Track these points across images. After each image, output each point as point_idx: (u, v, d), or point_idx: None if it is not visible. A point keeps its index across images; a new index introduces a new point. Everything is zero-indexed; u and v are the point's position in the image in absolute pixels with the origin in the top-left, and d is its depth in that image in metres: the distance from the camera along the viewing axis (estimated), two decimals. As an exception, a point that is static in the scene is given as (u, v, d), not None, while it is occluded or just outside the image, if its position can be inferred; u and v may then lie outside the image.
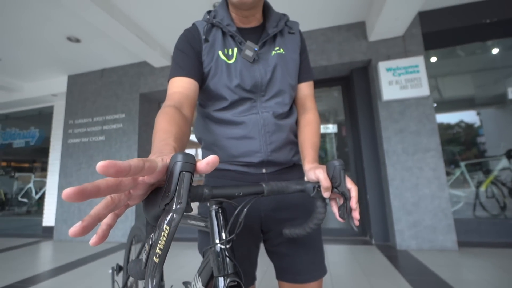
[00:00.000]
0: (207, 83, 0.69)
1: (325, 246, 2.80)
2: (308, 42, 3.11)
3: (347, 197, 0.53)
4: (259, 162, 0.68)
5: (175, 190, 0.30)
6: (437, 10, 2.82)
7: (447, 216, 2.52)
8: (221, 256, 0.51)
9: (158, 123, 0.49)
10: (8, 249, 3.31)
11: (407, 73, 2.70)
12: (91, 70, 3.96)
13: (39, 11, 2.56)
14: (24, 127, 5.00)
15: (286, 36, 0.75)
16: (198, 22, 0.72)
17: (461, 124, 3.47)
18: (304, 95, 0.78)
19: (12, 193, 5.32)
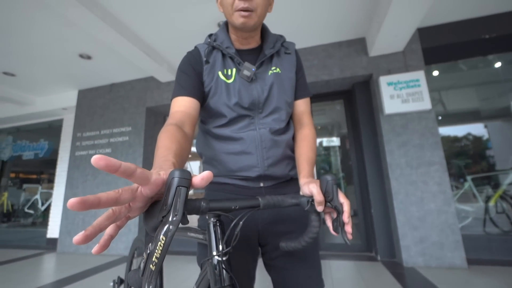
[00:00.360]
0: (208, 101, 0.73)
1: (329, 261, 2.74)
2: (310, 57, 3.20)
3: (339, 211, 0.54)
4: (257, 176, 0.70)
5: (171, 203, 0.32)
6: (436, 26, 2.89)
7: (454, 232, 2.45)
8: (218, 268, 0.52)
9: (160, 141, 0.53)
10: (12, 260, 3.32)
11: (408, 87, 2.73)
12: (100, 85, 4.11)
13: (54, 30, 2.71)
14: (34, 139, 5.14)
15: (283, 56, 0.80)
16: (200, 45, 0.77)
17: (469, 137, 3.44)
18: (300, 111, 0.81)
19: (19, 204, 5.39)
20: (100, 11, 2.36)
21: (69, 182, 3.92)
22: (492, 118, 3.45)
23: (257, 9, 0.67)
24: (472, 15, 2.78)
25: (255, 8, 0.66)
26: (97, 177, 3.77)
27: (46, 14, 2.46)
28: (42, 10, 2.39)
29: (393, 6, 2.16)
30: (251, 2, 0.65)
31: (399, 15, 2.28)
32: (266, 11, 0.71)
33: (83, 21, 2.33)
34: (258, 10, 0.67)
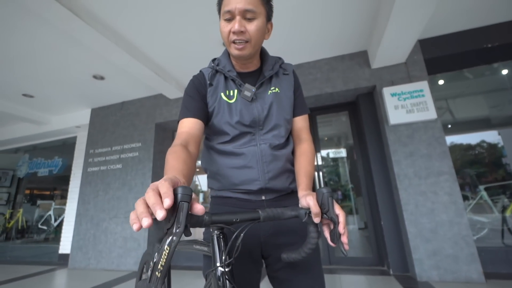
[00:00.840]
0: (212, 120, 0.79)
1: (340, 276, 2.67)
2: (313, 71, 3.27)
3: (335, 222, 0.57)
4: (258, 189, 0.74)
5: (175, 216, 0.36)
6: (437, 37, 2.93)
7: (469, 244, 2.37)
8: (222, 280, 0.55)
9: (168, 162, 0.58)
10: (25, 277, 3.38)
11: (412, 98, 2.75)
12: (112, 103, 4.29)
13: (70, 54, 2.90)
14: (49, 156, 5.33)
15: (281, 77, 0.85)
16: (204, 69, 0.84)
17: (483, 144, 3.37)
18: (299, 128, 0.85)
19: (33, 221, 5.53)
20: (113, 35, 2.52)
21: (81, 198, 4.02)
22: (504, 125, 3.39)
23: (251, 40, 0.72)
24: (472, 26, 2.82)
25: (249, 39, 0.72)
26: (108, 192, 3.86)
27: (64, 40, 2.64)
28: (60, 36, 2.58)
29: (392, 20, 2.22)
30: (244, 35, 0.71)
31: (399, 28, 2.34)
32: (261, 40, 0.77)
33: (97, 45, 2.49)
34: (252, 41, 0.73)
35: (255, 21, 0.71)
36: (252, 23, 0.71)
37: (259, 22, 0.72)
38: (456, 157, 3.35)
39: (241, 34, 0.71)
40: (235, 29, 0.70)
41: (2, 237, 5.54)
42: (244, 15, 0.70)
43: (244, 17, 0.71)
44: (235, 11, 0.69)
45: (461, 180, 3.22)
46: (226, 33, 0.73)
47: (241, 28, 0.70)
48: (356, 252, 3.44)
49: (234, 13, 0.70)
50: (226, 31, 0.72)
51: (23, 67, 3.11)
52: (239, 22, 0.70)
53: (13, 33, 2.51)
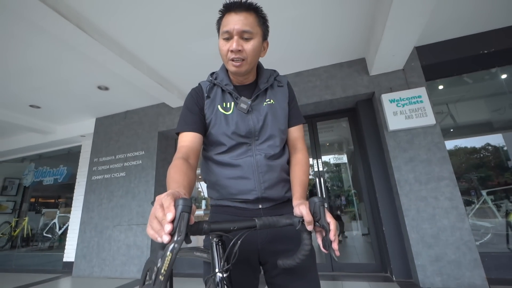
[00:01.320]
0: (209, 131, 0.84)
1: (342, 282, 2.67)
2: (312, 78, 3.33)
3: (327, 230, 0.61)
4: (255, 198, 0.78)
5: (177, 225, 0.41)
6: (433, 44, 2.98)
7: (471, 250, 2.37)
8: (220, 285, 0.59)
9: (170, 175, 0.63)
10: (30, 285, 3.41)
11: (411, 104, 2.78)
12: (116, 113, 4.38)
13: (76, 66, 3.00)
14: (54, 165, 5.42)
15: (276, 89, 0.90)
16: (203, 82, 0.89)
17: (488, 148, 3.36)
18: (294, 138, 0.90)
19: (38, 229, 5.58)
20: (118, 48, 2.61)
21: (85, 206, 4.07)
22: (507, 129, 3.39)
23: (247, 58, 0.77)
24: (468, 32, 2.87)
25: (246, 57, 0.77)
26: (112, 200, 3.91)
27: (70, 53, 2.74)
28: (66, 50, 2.67)
29: (387, 29, 2.28)
30: (241, 53, 0.76)
31: (394, 36, 2.39)
32: (257, 58, 0.82)
33: (102, 57, 2.58)
34: (249, 59, 0.78)
35: (251, 41, 0.77)
36: (249, 43, 0.77)
37: (255, 42, 0.78)
38: (460, 161, 3.36)
39: (238, 52, 0.76)
40: (233, 48, 0.75)
41: (8, 245, 5.59)
42: (242, 35, 0.76)
43: (242, 37, 0.76)
44: (233, 31, 0.75)
45: (465, 184, 3.23)
46: (225, 51, 0.78)
47: (239, 47, 0.75)
48: (359, 258, 3.42)
49: (232, 33, 0.75)
50: (225, 49, 0.78)
51: (31, 79, 3.21)
52: (237, 41, 0.75)
53: (22, 48, 2.61)
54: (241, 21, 0.75)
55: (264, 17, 0.81)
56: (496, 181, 3.16)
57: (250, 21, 0.76)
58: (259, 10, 0.79)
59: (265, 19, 0.82)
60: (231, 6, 0.77)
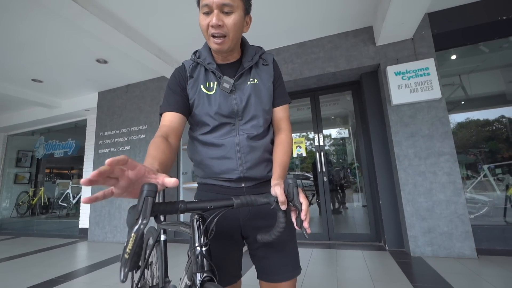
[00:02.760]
0: (193, 111, 0.84)
1: (337, 251, 2.82)
2: (315, 50, 3.19)
3: (299, 210, 0.64)
4: (237, 178, 0.80)
5: (141, 209, 0.44)
6: (447, 9, 2.76)
7: (464, 223, 2.43)
8: (200, 257, 0.64)
9: (149, 150, 0.64)
10: (50, 248, 3.74)
11: (417, 76, 2.67)
12: (118, 86, 4.36)
13: (73, 40, 2.93)
14: (63, 138, 5.59)
15: (261, 68, 0.87)
16: (186, 61, 0.87)
17: (502, 120, 3.24)
18: (279, 118, 0.89)
19: (54, 198, 5.96)
20: (112, 20, 2.52)
21: (95, 178, 4.27)
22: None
23: (229, 33, 0.74)
24: (487, -4, 2.63)
25: (227, 33, 0.74)
26: (119, 172, 4.07)
27: (66, 27, 2.67)
28: (61, 22, 2.60)
29: (396, -6, 2.11)
30: (222, 28, 0.73)
31: (404, 2, 2.22)
32: (240, 33, 0.79)
33: (97, 30, 2.51)
34: (231, 35, 0.75)
35: (232, 15, 0.73)
36: (229, 17, 0.73)
37: (236, 16, 0.74)
38: (471, 134, 3.30)
39: (219, 28, 0.73)
40: (213, 22, 0.72)
41: (28, 213, 6.03)
42: (222, 9, 0.72)
43: (222, 10, 0.72)
44: (212, 4, 0.71)
45: (472, 157, 3.21)
46: (205, 27, 0.75)
47: (219, 22, 0.72)
48: (356, 228, 3.57)
49: (212, 6, 0.72)
50: (205, 24, 0.74)
51: (30, 53, 3.18)
52: (217, 15, 0.72)
53: (21, 22, 2.56)
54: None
55: None
56: (507, 154, 3.11)
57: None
58: None
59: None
60: None
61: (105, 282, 2.27)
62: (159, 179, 0.49)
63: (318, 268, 2.34)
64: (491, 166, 3.12)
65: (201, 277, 0.61)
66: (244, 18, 0.78)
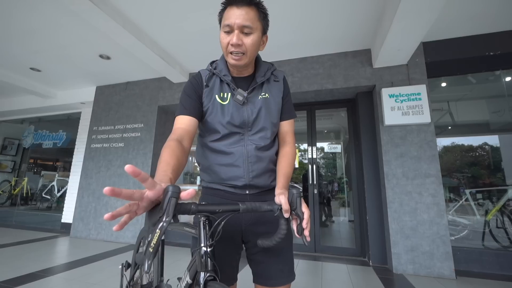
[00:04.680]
0: (206, 118, 0.89)
1: (322, 263, 2.87)
2: (315, 66, 3.31)
3: (301, 219, 0.69)
4: (243, 185, 0.85)
5: (165, 208, 0.48)
6: (441, 41, 2.94)
7: (445, 243, 2.53)
8: (204, 257, 0.68)
9: (162, 155, 0.68)
10: (31, 241, 3.62)
11: (410, 100, 2.81)
12: (117, 83, 4.35)
13: (78, 33, 2.95)
14: (54, 129, 5.48)
15: (272, 83, 0.94)
16: (202, 71, 0.93)
17: (485, 147, 3.42)
18: (285, 131, 0.95)
19: (37, 189, 5.76)
20: (121, 18, 2.56)
21: (84, 172, 4.20)
22: (503, 131, 3.44)
23: (247, 52, 0.81)
24: (476, 32, 2.82)
25: (245, 51, 0.81)
26: (109, 169, 4.02)
27: (72, 20, 2.69)
28: (69, 16, 2.62)
29: (395, 23, 2.25)
30: (241, 47, 0.79)
31: (402, 31, 2.36)
32: (256, 51, 0.85)
33: (105, 26, 2.54)
34: (248, 53, 0.81)
35: (251, 36, 0.80)
36: (248, 37, 0.80)
37: (255, 36, 0.81)
38: (455, 158, 3.46)
39: (238, 47, 0.79)
40: (233, 42, 0.78)
41: (8, 202, 5.81)
42: (242, 30, 0.79)
43: (242, 31, 0.79)
44: (234, 25, 0.78)
45: (455, 181, 3.35)
46: (225, 44, 0.81)
47: (239, 41, 0.78)
48: (342, 242, 3.64)
49: (233, 27, 0.78)
50: (225, 42, 0.81)
51: (31, 42, 3.16)
52: (237, 36, 0.78)
53: (29, 11, 2.56)
54: (242, 16, 0.77)
55: (264, 12, 0.83)
56: (488, 180, 3.26)
57: (251, 16, 0.78)
58: (260, 5, 0.81)
59: (265, 14, 0.84)
60: (233, 0, 0.79)
61: (88, 280, 2.23)
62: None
63: (304, 279, 2.37)
64: (472, 191, 3.27)
65: (204, 276, 0.65)
66: (262, 38, 0.85)
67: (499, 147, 3.35)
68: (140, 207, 0.49)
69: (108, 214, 0.42)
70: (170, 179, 0.58)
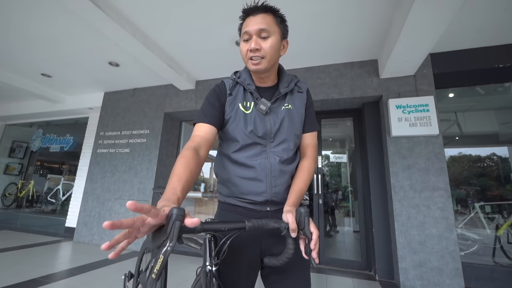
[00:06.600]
0: (227, 127, 0.87)
1: (327, 276, 2.80)
2: (322, 75, 3.31)
3: (309, 239, 0.67)
4: (264, 201, 0.82)
5: (169, 232, 0.46)
6: (449, 52, 2.92)
7: (455, 259, 2.45)
8: (209, 276, 0.66)
9: (176, 167, 0.66)
10: (34, 245, 3.63)
11: (417, 111, 2.78)
12: (125, 89, 4.42)
13: (89, 41, 3.01)
14: (61, 133, 5.56)
15: (295, 95, 0.92)
16: (226, 80, 0.92)
17: (493, 157, 3.35)
18: (306, 144, 0.93)
19: (42, 192, 5.81)
20: (131, 27, 2.61)
21: (89, 177, 4.22)
22: (511, 143, 3.36)
23: (266, 55, 0.80)
24: (485, 44, 2.80)
25: (264, 56, 0.80)
26: (115, 174, 4.04)
27: (84, 28, 2.75)
28: (81, 25, 2.68)
29: (403, 35, 2.25)
30: (259, 52, 0.79)
31: (409, 42, 2.36)
32: (276, 56, 0.84)
33: (115, 35, 2.59)
34: (268, 56, 0.80)
35: (269, 39, 0.80)
36: (266, 41, 0.80)
37: (273, 40, 0.80)
38: (463, 168, 3.39)
39: (256, 51, 0.80)
40: (251, 47, 0.79)
41: (14, 205, 5.86)
42: (259, 34, 0.79)
43: (260, 36, 0.80)
44: (251, 31, 0.79)
45: (463, 191, 3.27)
46: (245, 52, 0.82)
47: (257, 46, 0.79)
48: (346, 254, 3.55)
49: (251, 33, 0.79)
50: (245, 50, 0.82)
51: (43, 49, 3.24)
52: (255, 41, 0.79)
53: (37, 17, 2.63)
54: (258, 21, 0.79)
55: (281, 17, 0.84)
56: (497, 191, 3.18)
57: (267, 20, 0.80)
58: (276, 12, 0.82)
59: (283, 19, 0.85)
60: (249, 11, 0.81)
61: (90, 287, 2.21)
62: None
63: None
64: (482, 204, 3.18)
65: (209, 296, 0.63)
66: (281, 42, 0.85)
67: (508, 158, 3.28)
68: (140, 232, 0.46)
69: (105, 245, 0.40)
70: (178, 198, 0.56)
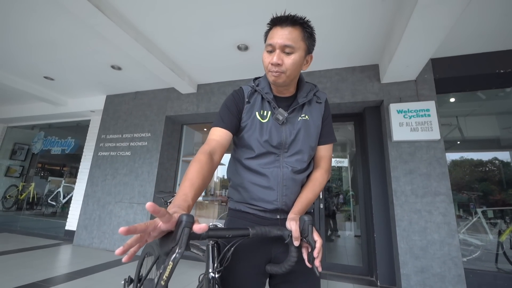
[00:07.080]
0: (243, 134, 0.87)
1: (329, 282, 2.78)
2: (323, 80, 3.32)
3: (312, 247, 0.66)
4: (274, 209, 0.82)
5: (179, 239, 0.46)
6: (450, 57, 2.93)
7: (457, 266, 2.43)
8: (212, 283, 0.66)
9: (189, 171, 0.66)
10: (34, 248, 3.62)
11: (418, 116, 2.78)
12: (126, 92, 4.44)
13: (92, 45, 3.04)
14: (63, 136, 5.57)
15: (313, 105, 0.92)
16: (245, 87, 0.92)
17: (495, 162, 3.34)
18: (320, 156, 0.92)
19: (43, 195, 5.80)
20: (134, 31, 2.63)
21: (90, 180, 4.22)
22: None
23: (286, 71, 0.79)
24: (486, 49, 2.81)
25: (285, 71, 0.79)
26: (115, 177, 4.04)
27: (87, 32, 2.78)
28: (84, 28, 2.71)
29: (404, 40, 2.25)
30: (280, 67, 0.78)
31: (410, 48, 2.37)
32: (297, 71, 0.83)
33: (118, 39, 2.61)
34: (288, 72, 0.79)
35: (292, 55, 0.78)
36: (289, 57, 0.78)
37: (296, 56, 0.78)
38: (464, 173, 3.38)
39: (277, 66, 0.79)
40: (273, 61, 0.78)
41: (14, 207, 5.85)
42: (283, 49, 0.78)
43: (283, 51, 0.78)
44: (275, 45, 0.77)
45: (465, 196, 3.25)
46: (266, 63, 0.81)
47: (279, 61, 0.78)
48: (348, 259, 3.53)
49: (275, 46, 0.78)
50: (267, 61, 0.81)
51: (46, 52, 3.26)
52: (278, 55, 0.78)
53: (39, 21, 2.65)
54: (284, 36, 0.76)
55: (310, 31, 0.81)
56: (499, 196, 3.16)
57: (294, 36, 0.77)
58: (305, 25, 0.79)
59: (311, 34, 0.82)
60: (277, 20, 0.79)
61: (89, 292, 2.20)
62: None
63: (309, 298, 2.29)
64: (484, 209, 3.16)
65: (211, 304, 0.63)
66: (305, 57, 0.83)
67: (510, 163, 3.27)
68: (151, 236, 0.48)
69: (119, 249, 0.40)
70: (189, 206, 0.57)
